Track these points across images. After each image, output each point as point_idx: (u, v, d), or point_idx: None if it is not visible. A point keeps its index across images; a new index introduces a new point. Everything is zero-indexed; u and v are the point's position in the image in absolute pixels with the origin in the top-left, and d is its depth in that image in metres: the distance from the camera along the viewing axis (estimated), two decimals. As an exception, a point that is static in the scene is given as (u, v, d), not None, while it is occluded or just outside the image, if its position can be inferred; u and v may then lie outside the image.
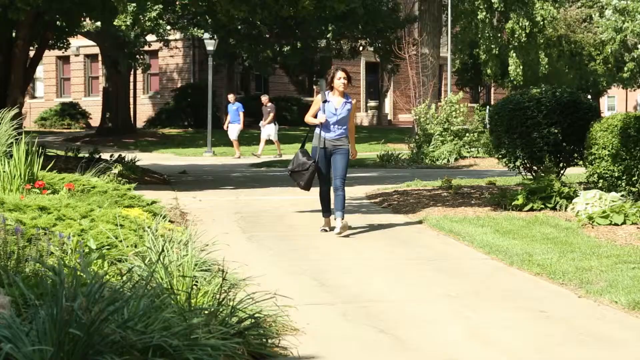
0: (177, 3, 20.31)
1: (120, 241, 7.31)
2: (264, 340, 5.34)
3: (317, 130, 10.68)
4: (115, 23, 20.99)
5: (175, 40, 43.97)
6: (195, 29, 35.51)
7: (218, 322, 5.06)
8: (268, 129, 28.97)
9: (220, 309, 5.26)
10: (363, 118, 50.64)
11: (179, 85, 46.97)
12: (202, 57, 44.03)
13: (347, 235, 10.37)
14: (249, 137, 34.35)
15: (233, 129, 29.23)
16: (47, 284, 4.53)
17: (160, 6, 20.19)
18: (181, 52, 47.61)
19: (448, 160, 25.30)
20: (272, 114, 28.92)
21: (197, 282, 6.18)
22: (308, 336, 5.85)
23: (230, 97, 30.36)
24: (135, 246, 7.22)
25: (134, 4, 20.17)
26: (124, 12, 20.52)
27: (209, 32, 32.14)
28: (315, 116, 10.70)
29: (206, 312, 5.12)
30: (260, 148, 29.26)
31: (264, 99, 29.55)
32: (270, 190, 16.83)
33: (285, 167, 11.84)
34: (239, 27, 36.48)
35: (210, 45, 32.01)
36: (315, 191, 11.01)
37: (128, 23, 20.60)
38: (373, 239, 10.49)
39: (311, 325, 6.12)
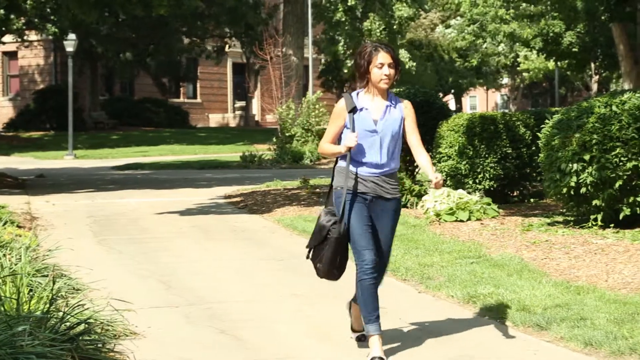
0: (23, 4, 19.46)
1: (-44, 248, 7.10)
2: (99, 345, 5.27)
3: (343, 162, 5.53)
4: None
5: (38, 41, 42.79)
6: (52, 27, 34.47)
7: (48, 328, 4.98)
8: None
9: (52, 315, 5.18)
10: (230, 119, 50.66)
11: (40, 86, 45.75)
12: (64, 58, 42.95)
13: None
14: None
15: None
16: None
17: (2, 11, 19.13)
18: (42, 53, 46.35)
19: (310, 160, 25.53)
20: None
21: (32, 288, 6.05)
22: (147, 340, 5.83)
23: None
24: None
25: None
26: None
27: (66, 32, 31.26)
28: (339, 141, 5.55)
29: (37, 318, 5.03)
30: None
31: None
32: (128, 192, 16.61)
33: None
34: (100, 27, 35.79)
35: (70, 46, 31.19)
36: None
37: None
38: (226, 239, 10.49)
39: (152, 328, 6.10)
